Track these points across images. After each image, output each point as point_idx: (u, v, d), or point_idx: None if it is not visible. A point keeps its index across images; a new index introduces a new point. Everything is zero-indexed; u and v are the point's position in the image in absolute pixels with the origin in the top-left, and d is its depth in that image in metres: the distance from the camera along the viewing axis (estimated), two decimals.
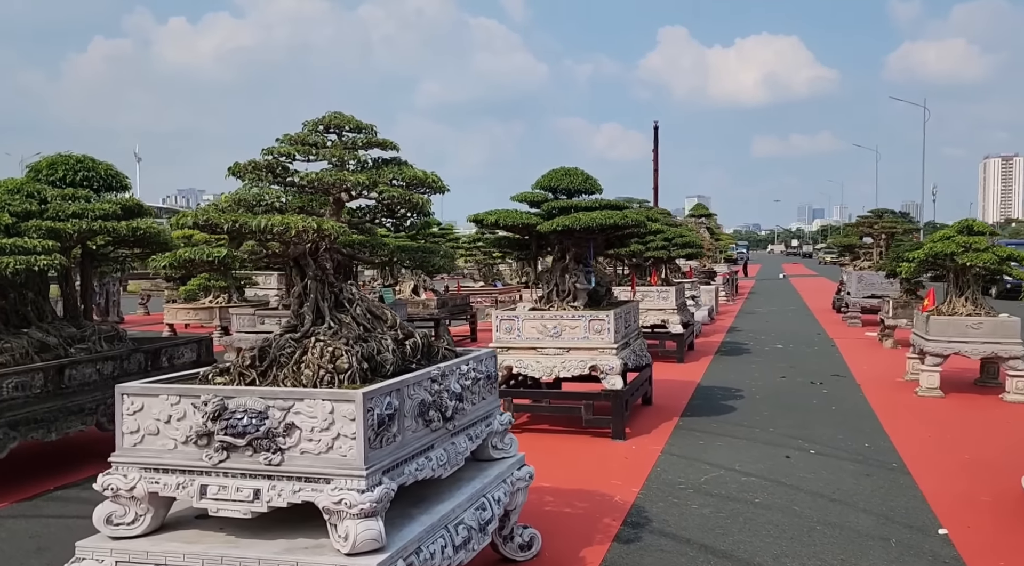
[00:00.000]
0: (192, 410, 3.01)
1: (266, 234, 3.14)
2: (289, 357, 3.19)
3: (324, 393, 2.88)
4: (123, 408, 3.12)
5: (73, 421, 6.05)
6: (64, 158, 6.92)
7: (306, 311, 3.41)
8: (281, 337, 3.31)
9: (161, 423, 3.05)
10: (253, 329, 10.43)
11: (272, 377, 3.18)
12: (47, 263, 5.89)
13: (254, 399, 2.93)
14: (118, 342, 7.07)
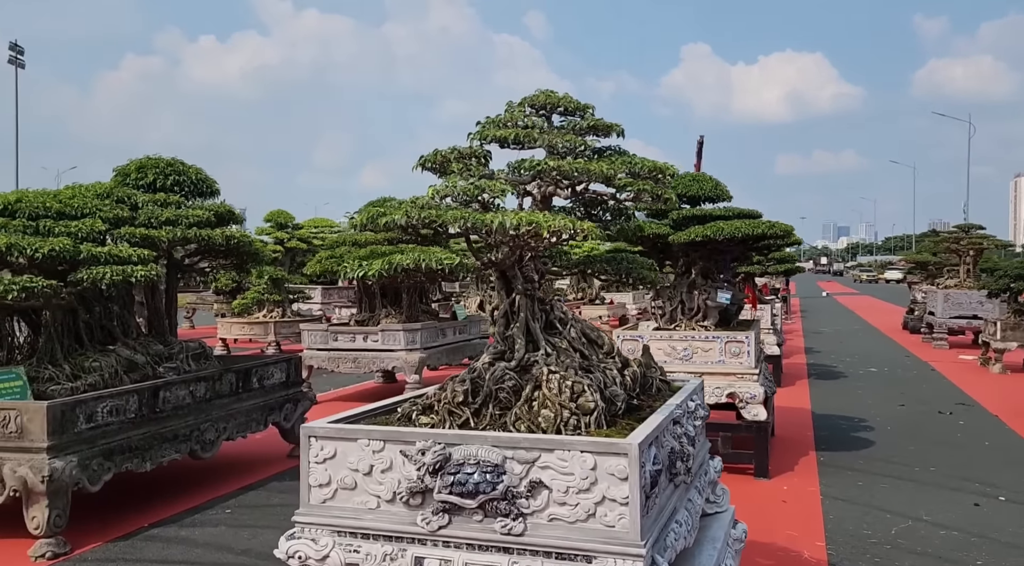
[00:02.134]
0: (402, 460, 2.38)
1: (498, 235, 2.50)
2: (511, 392, 2.55)
3: (583, 443, 2.23)
4: (310, 454, 2.50)
5: (167, 449, 5.47)
6: (154, 161, 6.41)
7: (516, 333, 2.76)
8: (492, 366, 2.67)
9: (360, 475, 2.43)
10: (326, 346, 9.88)
11: (489, 416, 2.54)
12: (144, 274, 5.35)
13: (486, 448, 2.29)
14: (204, 360, 6.51)
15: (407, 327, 9.63)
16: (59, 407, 4.70)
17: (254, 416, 6.41)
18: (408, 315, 10.23)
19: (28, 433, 4.63)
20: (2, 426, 4.67)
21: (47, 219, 5.41)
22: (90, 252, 5.25)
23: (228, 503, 5.60)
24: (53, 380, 5.35)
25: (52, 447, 4.61)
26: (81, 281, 5.20)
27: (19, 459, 4.61)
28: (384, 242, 10.09)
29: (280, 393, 6.78)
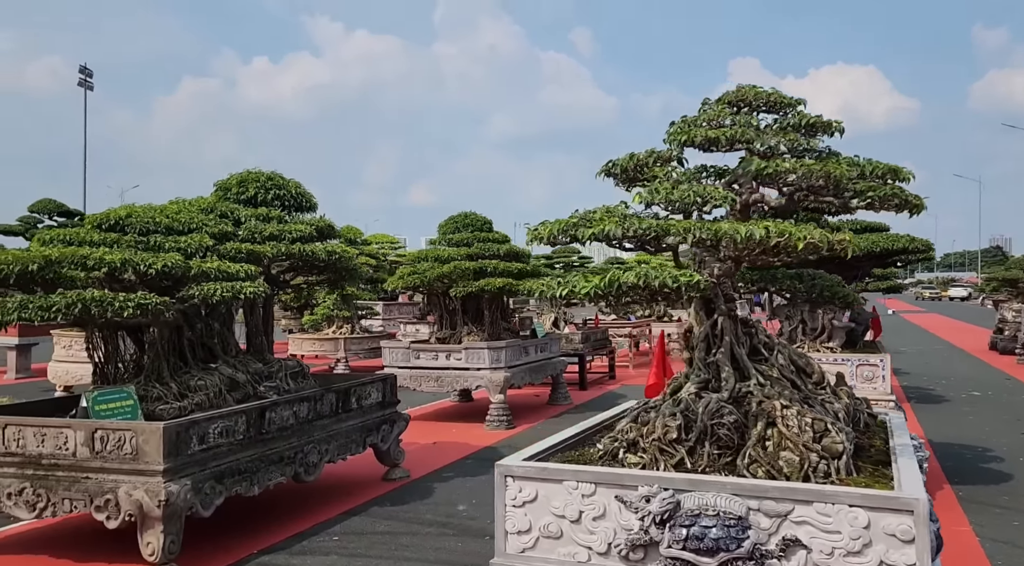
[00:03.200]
0: (618, 507, 2.08)
1: (739, 248, 2.20)
2: (732, 429, 2.23)
3: (853, 495, 1.90)
4: (506, 496, 2.22)
5: (274, 472, 5.28)
6: (255, 175, 6.30)
7: (721, 360, 2.45)
8: (701, 397, 2.35)
9: (567, 522, 2.13)
10: (407, 364, 9.67)
11: (707, 456, 2.22)
12: (253, 291, 5.19)
13: (726, 497, 1.97)
14: (302, 379, 6.34)
15: (491, 345, 9.37)
16: (174, 428, 4.54)
17: (353, 437, 6.19)
18: (490, 332, 9.98)
19: (144, 455, 4.47)
20: (117, 447, 4.53)
21: (156, 234, 5.31)
22: (200, 268, 5.12)
23: (333, 529, 5.38)
24: (161, 399, 5.22)
25: (167, 470, 4.45)
26: (192, 297, 5.07)
27: (134, 482, 4.46)
28: (464, 258, 9.88)
29: (377, 413, 6.56)
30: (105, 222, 5.27)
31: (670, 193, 2.28)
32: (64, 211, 14.97)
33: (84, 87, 51.11)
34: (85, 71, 50.90)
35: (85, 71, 50.90)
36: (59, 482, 4.57)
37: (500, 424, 9.13)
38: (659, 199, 2.31)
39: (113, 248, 5.03)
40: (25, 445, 4.69)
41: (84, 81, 50.75)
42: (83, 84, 50.80)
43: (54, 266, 4.74)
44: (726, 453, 2.21)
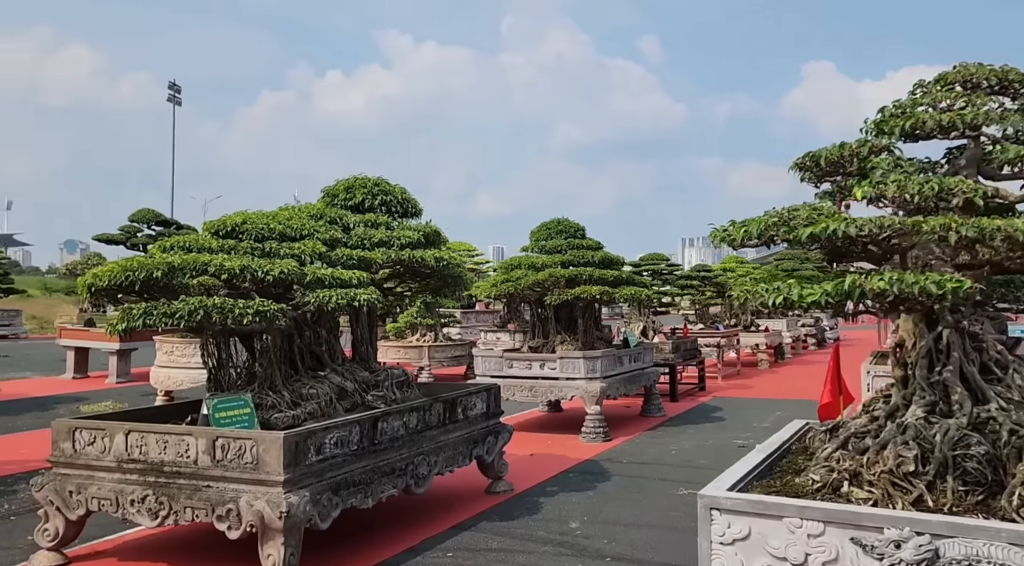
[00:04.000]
0: (855, 551, 1.79)
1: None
2: (985, 462, 1.91)
3: None
4: (713, 532, 1.96)
5: (386, 484, 5.15)
6: (362, 181, 6.24)
7: (950, 380, 2.13)
8: (938, 425, 2.04)
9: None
10: (500, 373, 9.49)
11: (950, 493, 1.90)
12: (367, 298, 5.08)
13: (1003, 548, 1.66)
14: (407, 388, 6.22)
15: (587, 355, 9.10)
16: (294, 438, 4.45)
17: (460, 449, 6.03)
18: (584, 342, 9.71)
19: (264, 465, 4.39)
20: (237, 456, 4.47)
21: (270, 241, 5.28)
22: (315, 275, 5.05)
23: (445, 545, 5.20)
24: (275, 407, 5.16)
25: (287, 480, 4.36)
26: (307, 304, 5.00)
27: (255, 492, 4.38)
28: (558, 265, 9.66)
29: (482, 424, 6.39)
30: (222, 229, 5.26)
31: (904, 186, 1.98)
32: (161, 220, 15.49)
33: (173, 102, 53.47)
34: (174, 87, 53.23)
35: (174, 87, 53.23)
36: (181, 490, 4.54)
37: (597, 436, 8.85)
38: (891, 193, 2.01)
39: (230, 255, 5.01)
40: (147, 452, 4.68)
41: (173, 96, 53.09)
42: (172, 99, 53.15)
43: (176, 272, 4.73)
44: (975, 491, 1.89)
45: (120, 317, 4.67)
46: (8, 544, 5.35)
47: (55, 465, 4.94)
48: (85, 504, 4.78)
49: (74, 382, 14.18)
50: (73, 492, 4.81)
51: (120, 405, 11.68)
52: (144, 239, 15.43)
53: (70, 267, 25.76)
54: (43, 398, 12.31)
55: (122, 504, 4.68)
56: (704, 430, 9.59)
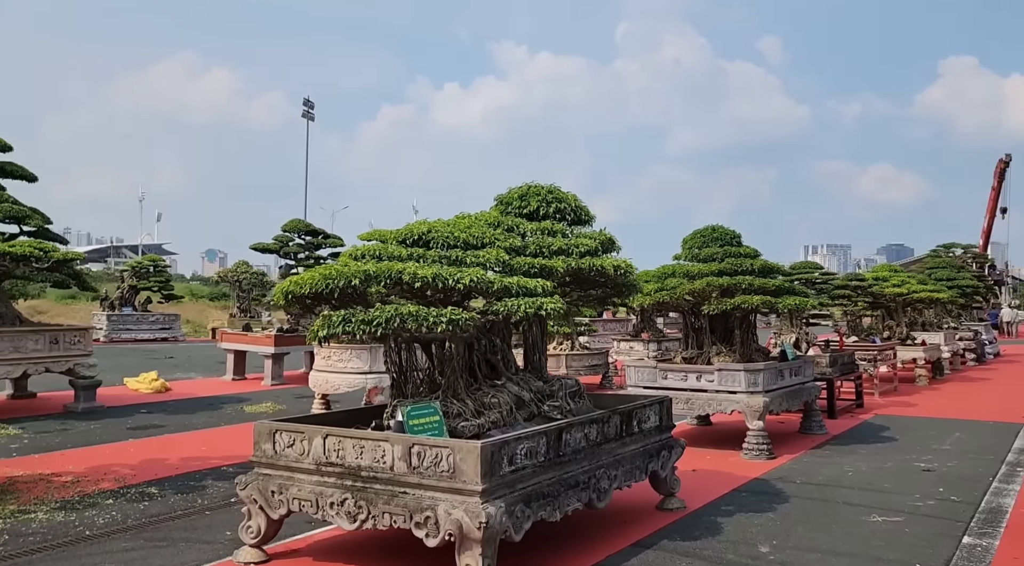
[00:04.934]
0: None
1: None
2: None
3: None
4: None
5: (571, 497, 5.04)
6: (535, 189, 6.21)
7: None
8: None
9: None
10: (654, 384, 9.23)
11: None
12: (553, 307, 5.01)
13: None
14: (579, 399, 6.11)
15: (748, 367, 8.69)
16: (490, 448, 4.42)
17: (636, 463, 5.85)
18: (741, 353, 9.30)
19: (460, 474, 4.39)
20: (434, 464, 4.49)
21: (456, 249, 5.31)
22: (502, 283, 5.03)
23: (631, 563, 5.03)
24: (461, 416, 5.18)
25: (485, 491, 4.33)
26: (496, 313, 4.99)
27: (452, 501, 4.38)
28: (714, 274, 9.30)
29: (656, 438, 6.18)
30: (409, 237, 5.36)
31: None
32: (310, 230, 16.26)
33: (307, 118, 56.46)
34: (308, 103, 56.20)
35: (308, 103, 56.20)
36: (378, 495, 4.62)
37: (760, 454, 8.41)
38: None
39: (419, 263, 5.07)
40: (344, 456, 4.80)
41: (307, 112, 56.05)
42: (306, 115, 56.13)
43: (372, 280, 4.84)
44: None
45: (321, 324, 4.81)
46: (210, 538, 5.65)
47: (257, 465, 5.16)
48: (287, 504, 4.95)
49: (233, 383, 15.08)
50: (275, 492, 5.00)
51: (278, 406, 12.29)
52: (295, 248, 16.25)
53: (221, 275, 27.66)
54: (210, 398, 13.15)
55: (322, 506, 4.82)
56: (878, 451, 8.92)
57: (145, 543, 5.54)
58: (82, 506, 6.43)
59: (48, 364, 11.09)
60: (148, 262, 25.88)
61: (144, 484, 7.22)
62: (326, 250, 16.61)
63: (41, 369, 11.07)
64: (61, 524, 5.92)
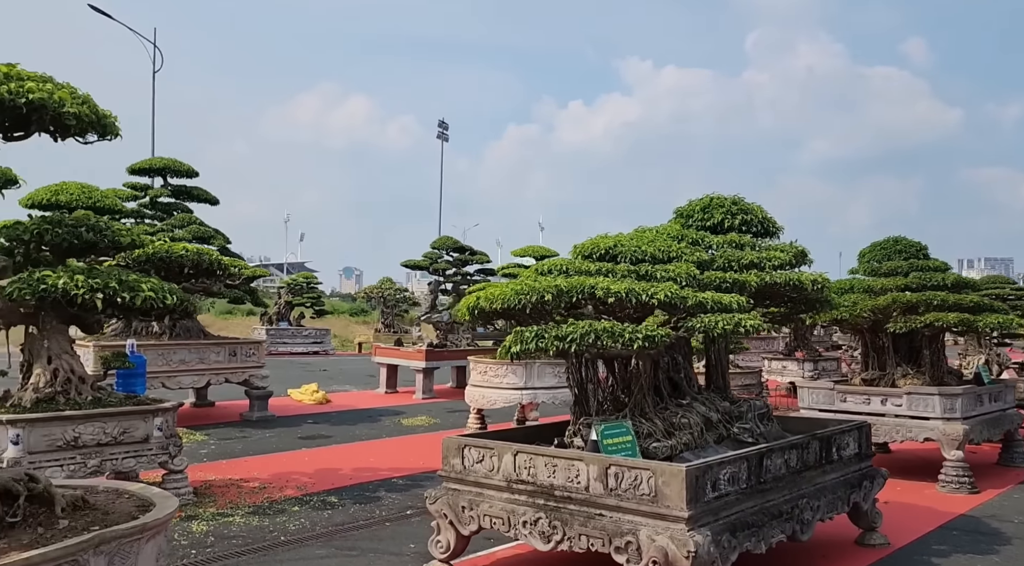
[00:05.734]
0: None
1: None
2: None
3: None
4: None
5: (775, 528, 4.71)
6: (719, 200, 5.95)
7: None
8: None
9: None
10: (831, 406, 8.61)
11: None
12: (752, 324, 4.73)
13: None
14: (767, 421, 5.75)
15: (944, 391, 7.92)
16: (695, 472, 4.20)
17: (838, 493, 5.41)
18: (932, 376, 8.50)
19: (663, 498, 4.19)
20: (632, 486, 4.32)
21: (644, 263, 5.15)
22: (696, 299, 4.81)
23: None
24: (651, 436, 4.99)
25: (691, 517, 4.11)
26: (692, 329, 4.78)
27: (655, 526, 4.19)
28: (899, 289, 8.58)
29: (855, 467, 5.70)
30: (595, 251, 5.25)
31: None
32: (458, 247, 16.63)
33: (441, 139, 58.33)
34: (442, 125, 58.08)
35: (442, 125, 58.08)
36: (573, 516, 4.50)
37: (961, 487, 7.62)
38: None
39: (608, 277, 4.95)
40: (536, 475, 4.72)
41: (441, 133, 57.93)
42: (440, 136, 58.00)
43: (564, 295, 4.76)
44: None
45: (513, 340, 4.78)
46: (396, 550, 5.74)
47: (445, 480, 5.19)
48: (477, 520, 4.94)
49: (387, 396, 15.59)
50: (465, 508, 5.00)
51: (433, 420, 12.54)
52: (444, 264, 16.68)
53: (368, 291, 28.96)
54: (368, 410, 13.64)
55: (513, 524, 4.76)
56: None
57: (336, 551, 5.72)
58: (272, 512, 6.75)
59: (227, 375, 11.89)
60: (302, 279, 27.51)
61: (324, 493, 7.50)
62: (473, 266, 16.93)
63: (221, 379, 11.89)
64: (257, 528, 6.23)
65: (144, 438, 6.64)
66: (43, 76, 2.55)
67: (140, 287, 2.55)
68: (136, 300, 2.54)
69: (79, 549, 2.15)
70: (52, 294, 2.38)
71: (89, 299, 2.41)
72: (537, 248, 12.34)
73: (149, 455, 6.70)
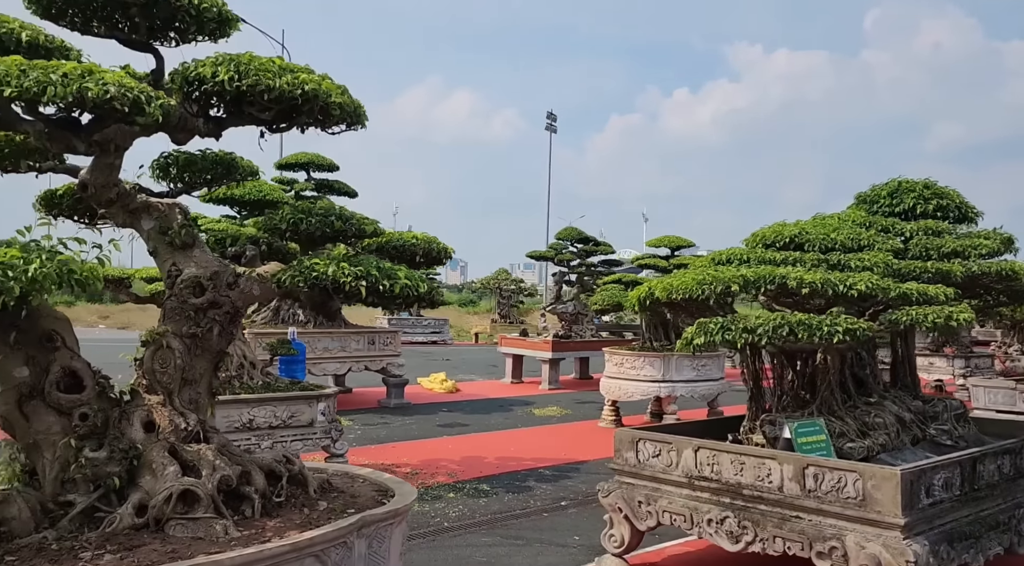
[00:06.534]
0: None
1: None
2: None
3: None
4: None
5: (992, 539, 4.32)
6: (908, 185, 5.51)
7: None
8: None
9: None
10: (1012, 408, 7.90)
11: None
12: (965, 317, 4.34)
13: None
14: (964, 422, 5.30)
15: None
16: (909, 476, 3.89)
17: None
18: None
19: (873, 503, 3.90)
20: (835, 489, 4.05)
21: (834, 252, 4.83)
22: (899, 290, 4.46)
23: None
24: (844, 435, 4.68)
25: (906, 525, 3.80)
26: (897, 322, 4.44)
27: (864, 532, 3.91)
28: None
29: None
30: (778, 239, 4.97)
31: None
32: (582, 238, 16.49)
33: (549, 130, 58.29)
34: (551, 116, 57.98)
35: (551, 116, 57.98)
36: (765, 517, 4.28)
37: None
38: None
39: (795, 267, 4.67)
40: (720, 472, 4.53)
41: (550, 125, 57.86)
42: (549, 128, 57.95)
43: (751, 285, 4.52)
44: None
45: (696, 331, 4.60)
46: (561, 541, 5.70)
47: (618, 473, 5.07)
48: (655, 516, 4.80)
49: (513, 386, 15.68)
50: (642, 503, 4.88)
51: (564, 410, 12.50)
52: (568, 255, 16.59)
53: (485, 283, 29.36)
54: (498, 400, 13.76)
55: (697, 522, 4.60)
56: None
57: (501, 540, 5.73)
58: (429, 498, 6.86)
59: (367, 362, 12.28)
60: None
61: (474, 481, 7.57)
62: (597, 257, 16.75)
63: (361, 367, 12.29)
64: (420, 514, 6.34)
65: (309, 422, 6.90)
66: (306, 67, 2.61)
67: (397, 275, 2.57)
68: (395, 287, 2.56)
69: (347, 531, 2.19)
70: (323, 282, 2.43)
71: (354, 286, 2.44)
72: (673, 238, 11.99)
73: (314, 439, 6.96)
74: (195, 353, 2.42)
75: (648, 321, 11.16)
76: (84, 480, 2.16)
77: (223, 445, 2.43)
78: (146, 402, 2.36)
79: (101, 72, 2.22)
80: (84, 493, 2.17)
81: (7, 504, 2.03)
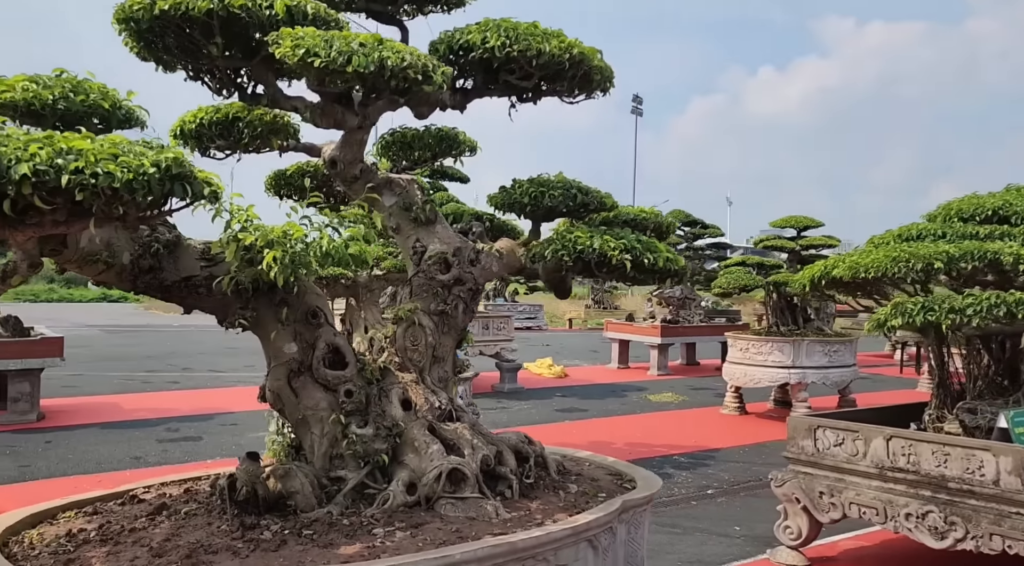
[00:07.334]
0: None
1: None
2: None
3: None
4: None
5: None
6: None
7: None
8: None
9: None
10: None
11: None
12: None
13: None
14: None
15: None
16: None
17: None
18: None
19: None
20: None
21: None
22: None
23: None
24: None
25: None
26: None
27: None
28: None
29: None
30: (978, 212, 4.59)
31: None
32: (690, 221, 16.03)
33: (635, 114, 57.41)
34: (636, 99, 57.10)
35: (636, 99, 57.10)
36: (977, 513, 3.96)
37: None
38: None
39: (1005, 241, 4.29)
40: (919, 463, 4.22)
41: (636, 108, 56.99)
42: (635, 111, 57.10)
43: (956, 262, 4.18)
44: None
45: (890, 313, 4.30)
46: (721, 531, 5.50)
47: (792, 462, 4.83)
48: (841, 508, 4.54)
49: (620, 372, 15.47)
50: (823, 494, 4.62)
51: (680, 396, 12.21)
52: (676, 239, 16.17)
53: None
54: (609, 385, 13.58)
55: (891, 515, 4.31)
56: None
57: (658, 527, 5.56)
58: None
59: (481, 347, 12.31)
60: None
61: None
62: (704, 240, 16.27)
63: (476, 351, 12.32)
64: None
65: None
66: (558, 32, 2.50)
67: (659, 248, 2.46)
68: (659, 261, 2.44)
69: (614, 516, 2.09)
70: (589, 256, 2.34)
71: (619, 260, 2.33)
72: (800, 218, 11.45)
73: None
74: (443, 330, 2.37)
75: (774, 305, 10.73)
76: (353, 457, 2.14)
77: (474, 424, 2.38)
78: (400, 380, 2.32)
79: (389, 42, 2.17)
80: (354, 469, 2.15)
81: (289, 479, 2.02)
